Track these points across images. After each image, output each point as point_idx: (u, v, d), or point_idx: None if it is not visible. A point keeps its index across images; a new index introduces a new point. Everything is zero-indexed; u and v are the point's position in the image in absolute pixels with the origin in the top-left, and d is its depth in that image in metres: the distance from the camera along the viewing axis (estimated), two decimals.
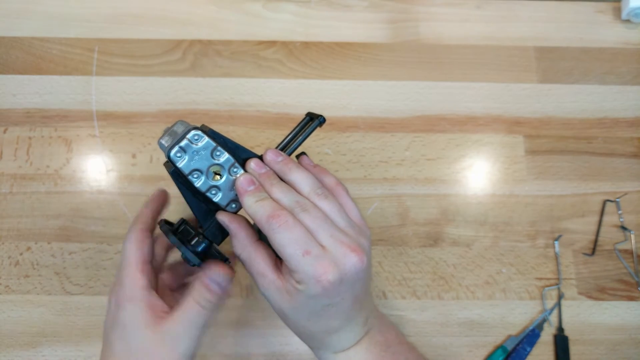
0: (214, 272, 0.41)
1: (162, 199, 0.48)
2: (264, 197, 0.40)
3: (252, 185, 0.40)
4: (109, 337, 0.41)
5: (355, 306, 0.40)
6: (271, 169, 0.42)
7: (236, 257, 0.42)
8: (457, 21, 0.70)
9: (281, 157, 0.42)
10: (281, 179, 0.41)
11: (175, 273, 0.49)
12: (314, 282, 0.37)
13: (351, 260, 0.37)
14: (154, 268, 0.45)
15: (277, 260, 0.41)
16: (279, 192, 0.40)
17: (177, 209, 0.48)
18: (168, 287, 0.47)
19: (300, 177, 0.41)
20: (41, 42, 0.68)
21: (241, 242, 0.41)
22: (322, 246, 0.38)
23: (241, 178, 0.41)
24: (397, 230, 0.61)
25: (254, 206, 0.39)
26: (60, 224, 0.60)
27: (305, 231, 0.38)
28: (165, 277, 0.47)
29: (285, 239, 0.37)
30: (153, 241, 0.45)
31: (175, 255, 0.48)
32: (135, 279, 0.41)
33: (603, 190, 0.63)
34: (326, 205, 0.40)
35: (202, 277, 0.41)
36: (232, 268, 0.43)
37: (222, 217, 0.42)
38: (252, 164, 0.42)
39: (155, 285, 0.44)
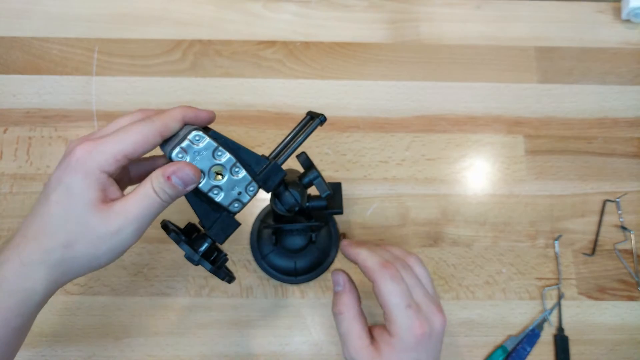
0: (179, 168, 0.38)
1: (206, 117, 0.43)
2: (370, 249, 0.44)
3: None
4: (49, 196, 0.38)
5: None
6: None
7: (333, 314, 0.44)
8: (457, 21, 0.70)
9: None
10: None
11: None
12: (409, 334, 0.40)
13: (439, 319, 0.42)
14: (132, 173, 0.43)
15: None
16: (382, 252, 0.45)
17: (180, 210, 0.48)
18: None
19: (390, 248, 0.46)
20: (41, 42, 0.68)
21: (347, 304, 0.44)
22: (417, 304, 0.42)
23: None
24: (397, 230, 0.61)
25: (367, 253, 0.43)
26: None
27: (407, 287, 0.42)
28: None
29: (395, 289, 0.41)
30: (154, 145, 0.40)
31: None
32: (105, 159, 0.37)
33: (603, 190, 0.63)
34: (415, 270, 0.45)
35: (166, 169, 0.38)
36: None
37: (338, 276, 0.45)
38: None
39: (121, 182, 0.42)
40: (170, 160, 0.40)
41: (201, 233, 0.43)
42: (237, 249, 0.60)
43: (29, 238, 0.37)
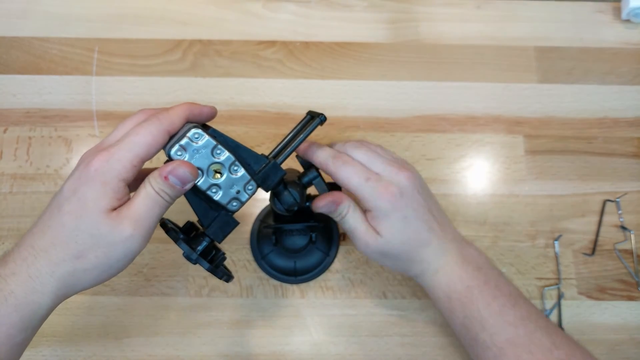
0: (175, 167, 0.39)
1: (209, 112, 0.44)
2: (322, 147, 0.48)
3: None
4: (62, 207, 0.38)
5: (431, 217, 0.47)
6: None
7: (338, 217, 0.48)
8: (457, 21, 0.70)
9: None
10: None
11: None
12: (380, 200, 0.44)
13: (403, 176, 0.46)
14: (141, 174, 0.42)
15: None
16: (334, 146, 0.49)
17: (180, 209, 0.48)
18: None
19: (345, 142, 0.49)
20: (41, 42, 0.68)
21: (345, 202, 0.47)
22: (377, 173, 0.46)
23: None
24: None
25: (319, 152, 0.47)
26: None
27: (362, 165, 0.46)
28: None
29: (350, 171, 0.45)
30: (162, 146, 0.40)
31: None
32: (123, 166, 0.38)
33: (603, 190, 0.63)
34: (372, 147, 0.49)
35: (163, 169, 0.39)
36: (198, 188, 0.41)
37: (326, 198, 0.47)
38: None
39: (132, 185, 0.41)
40: (169, 157, 0.40)
41: (200, 232, 0.43)
42: (237, 249, 0.59)
43: (38, 250, 0.37)
